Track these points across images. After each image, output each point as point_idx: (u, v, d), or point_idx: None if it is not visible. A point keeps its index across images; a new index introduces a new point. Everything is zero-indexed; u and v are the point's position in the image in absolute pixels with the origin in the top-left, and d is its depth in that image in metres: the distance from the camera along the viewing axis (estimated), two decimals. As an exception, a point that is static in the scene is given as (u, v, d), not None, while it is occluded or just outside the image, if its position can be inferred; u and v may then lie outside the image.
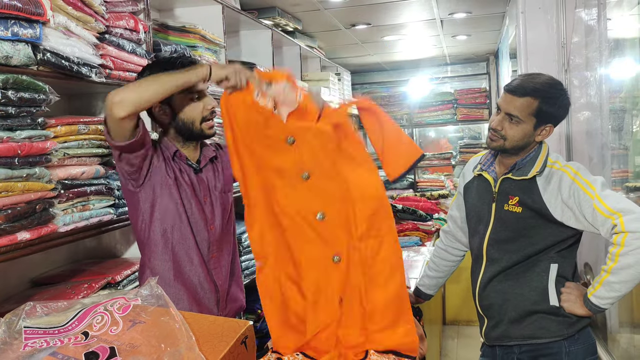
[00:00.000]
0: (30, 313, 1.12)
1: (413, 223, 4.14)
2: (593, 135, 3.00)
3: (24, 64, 1.57)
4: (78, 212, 1.80)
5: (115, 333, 1.07)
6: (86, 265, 2.19)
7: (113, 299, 1.14)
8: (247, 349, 1.07)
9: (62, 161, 1.74)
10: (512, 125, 1.93)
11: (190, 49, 2.59)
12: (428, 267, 2.47)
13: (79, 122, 1.82)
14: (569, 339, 1.94)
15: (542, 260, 1.97)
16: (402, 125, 7.21)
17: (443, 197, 5.92)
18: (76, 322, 1.10)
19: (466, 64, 7.37)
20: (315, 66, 5.16)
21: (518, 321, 1.98)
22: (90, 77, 1.84)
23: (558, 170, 1.94)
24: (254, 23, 3.58)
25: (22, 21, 1.53)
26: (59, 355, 1.03)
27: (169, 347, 1.01)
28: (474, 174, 2.14)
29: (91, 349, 1.03)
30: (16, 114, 1.54)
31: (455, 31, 5.38)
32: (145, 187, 1.82)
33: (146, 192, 1.83)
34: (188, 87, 1.75)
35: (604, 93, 2.88)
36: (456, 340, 4.71)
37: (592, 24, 2.95)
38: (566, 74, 3.23)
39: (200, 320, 1.12)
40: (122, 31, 2.03)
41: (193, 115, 1.85)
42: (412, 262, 3.36)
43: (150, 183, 1.82)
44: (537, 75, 1.99)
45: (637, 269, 1.75)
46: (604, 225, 1.80)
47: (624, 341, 2.79)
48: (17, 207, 1.55)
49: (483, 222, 2.07)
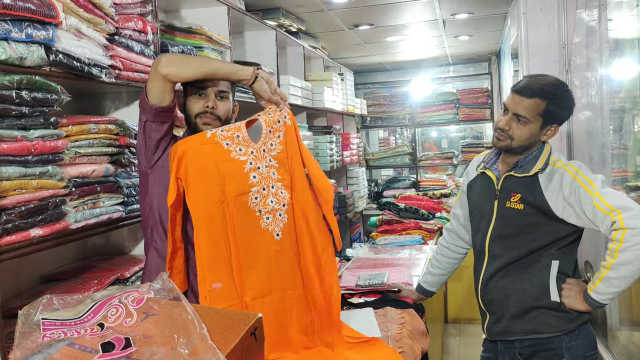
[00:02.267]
0: (47, 306, 1.15)
1: (415, 222, 4.17)
2: (594, 134, 3.03)
3: (37, 64, 1.61)
4: (89, 210, 1.84)
5: (129, 324, 1.11)
6: (95, 261, 2.23)
7: (126, 292, 1.18)
8: (257, 341, 1.11)
9: (74, 160, 1.78)
10: (520, 125, 1.97)
11: (197, 49, 2.63)
12: (431, 264, 2.50)
13: (89, 122, 1.86)
14: (570, 334, 1.97)
15: (544, 256, 2.00)
16: (405, 125, 7.25)
17: (445, 196, 5.94)
18: (92, 314, 1.14)
19: (468, 64, 7.39)
20: (318, 66, 5.19)
21: (519, 316, 2.02)
22: (101, 78, 1.88)
23: (560, 169, 1.98)
24: (259, 24, 3.61)
25: (36, 23, 1.56)
26: (76, 346, 1.06)
27: (182, 338, 1.05)
28: (477, 172, 2.18)
29: (107, 339, 1.07)
30: (30, 114, 1.58)
31: (457, 32, 5.41)
32: (155, 169, 1.89)
33: (155, 175, 1.89)
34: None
35: (605, 93, 2.91)
36: (458, 338, 4.74)
37: (593, 25, 2.97)
38: (567, 74, 3.26)
39: (211, 312, 1.16)
40: (131, 32, 2.06)
41: (192, 109, 1.92)
42: (414, 261, 3.38)
43: (161, 166, 1.88)
44: (543, 77, 2.02)
45: (635, 265, 1.79)
46: (604, 222, 1.84)
47: (624, 338, 2.82)
48: (31, 204, 1.59)
49: (485, 219, 2.11)
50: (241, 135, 1.88)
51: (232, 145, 1.87)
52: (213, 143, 1.85)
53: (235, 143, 1.87)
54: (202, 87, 1.90)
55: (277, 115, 1.96)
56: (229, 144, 1.87)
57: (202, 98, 1.91)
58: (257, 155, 1.89)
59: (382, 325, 2.19)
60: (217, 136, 1.85)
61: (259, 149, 1.90)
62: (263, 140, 1.92)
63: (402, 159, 6.99)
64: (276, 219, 1.92)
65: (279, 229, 1.92)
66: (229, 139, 1.87)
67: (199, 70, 1.85)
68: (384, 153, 7.11)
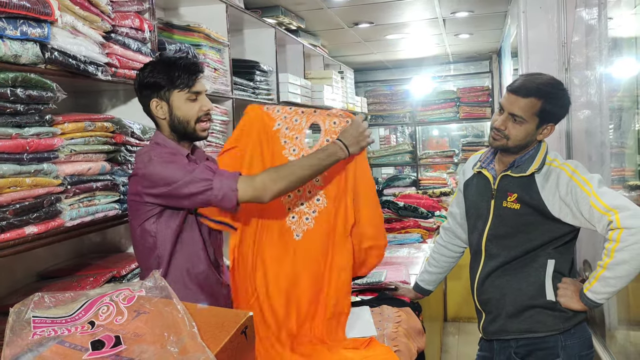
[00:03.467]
0: (39, 303, 1.15)
1: (414, 220, 4.16)
2: (592, 133, 3.02)
3: (33, 62, 1.61)
4: (84, 207, 1.84)
5: (120, 323, 1.11)
6: (91, 259, 2.23)
7: (118, 290, 1.18)
8: (247, 339, 1.11)
9: (69, 157, 1.78)
10: (516, 125, 1.96)
11: (195, 47, 2.63)
12: (428, 263, 2.50)
13: (85, 120, 1.86)
14: (565, 333, 1.97)
15: (540, 256, 2.00)
16: (405, 124, 7.25)
17: (445, 195, 5.94)
18: (83, 312, 1.14)
19: (469, 62, 7.38)
20: (318, 64, 5.19)
21: (515, 316, 2.02)
22: (97, 76, 1.88)
23: (556, 168, 1.97)
24: (258, 22, 3.61)
25: (31, 21, 1.56)
26: (66, 344, 1.07)
27: (172, 336, 1.05)
28: (473, 172, 2.18)
29: (97, 337, 1.07)
30: (25, 111, 1.58)
31: (457, 30, 5.40)
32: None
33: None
34: (190, 89, 1.86)
35: (604, 92, 2.90)
36: (457, 336, 4.74)
37: (592, 23, 2.96)
38: (566, 72, 3.25)
39: (202, 311, 1.16)
40: (127, 30, 2.06)
41: (189, 115, 1.87)
42: (413, 259, 3.38)
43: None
44: (539, 76, 2.02)
45: (632, 265, 1.78)
46: (600, 221, 1.83)
47: (622, 337, 2.82)
48: (26, 201, 1.59)
49: (482, 219, 2.10)
50: (300, 137, 2.01)
51: (288, 143, 2.00)
52: (275, 137, 1.99)
53: (292, 143, 2.00)
54: (196, 92, 1.87)
55: (340, 127, 2.00)
56: (286, 142, 2.00)
57: (196, 102, 1.88)
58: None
59: (378, 324, 2.19)
60: (280, 132, 1.99)
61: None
62: (317, 147, 1.99)
63: (402, 157, 6.98)
64: (301, 221, 2.02)
65: (301, 231, 2.02)
66: (289, 138, 2.00)
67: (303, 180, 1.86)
68: (384, 151, 7.11)
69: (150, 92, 1.86)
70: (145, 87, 1.86)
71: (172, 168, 1.77)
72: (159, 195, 1.78)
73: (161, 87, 1.84)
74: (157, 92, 1.85)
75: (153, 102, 1.86)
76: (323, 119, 2.03)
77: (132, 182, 1.85)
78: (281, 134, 1.99)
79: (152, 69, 1.86)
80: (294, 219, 2.02)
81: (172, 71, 1.84)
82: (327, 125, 2.03)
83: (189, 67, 1.86)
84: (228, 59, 2.97)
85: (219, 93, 2.84)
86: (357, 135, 1.92)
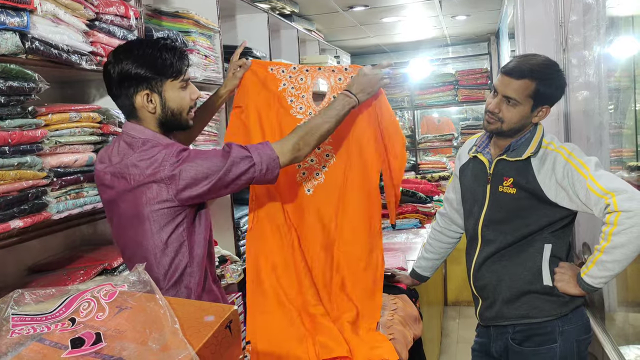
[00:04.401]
0: (19, 301, 1.13)
1: (413, 205, 4.13)
2: (591, 114, 2.97)
3: (13, 52, 1.57)
4: (72, 200, 1.81)
5: (101, 319, 1.08)
6: (83, 251, 2.20)
7: (100, 285, 1.15)
8: (232, 333, 1.08)
9: (54, 149, 1.74)
10: (510, 107, 1.92)
11: (184, 34, 2.58)
12: (424, 249, 2.47)
13: (70, 110, 1.81)
14: (563, 318, 1.95)
15: (536, 240, 1.97)
16: (404, 108, 7.19)
17: (444, 179, 5.91)
18: (63, 309, 1.11)
19: (467, 44, 7.32)
20: (313, 49, 5.13)
21: (512, 301, 1.99)
22: (81, 65, 1.83)
23: (552, 151, 1.93)
24: (250, 7, 3.55)
25: (9, 10, 1.52)
26: (46, 342, 1.04)
27: (154, 333, 1.02)
28: (469, 156, 2.14)
29: (77, 334, 1.04)
30: (6, 103, 1.54)
31: (454, 11, 5.33)
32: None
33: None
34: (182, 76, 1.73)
35: (602, 72, 2.85)
36: (457, 320, 4.73)
37: (590, 3, 2.90)
38: (564, 53, 3.20)
39: (186, 305, 1.13)
40: (112, 17, 2.01)
41: (182, 104, 1.73)
42: (411, 245, 3.36)
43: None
44: (533, 57, 1.97)
45: (629, 248, 1.76)
46: (597, 204, 1.80)
47: (621, 319, 2.80)
48: (9, 195, 1.56)
49: (478, 204, 2.07)
50: (306, 96, 2.09)
51: (295, 102, 2.09)
52: (281, 97, 2.07)
53: (299, 102, 2.08)
54: (186, 79, 1.73)
55: (346, 83, 2.07)
56: (293, 100, 2.09)
57: (186, 90, 1.74)
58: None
59: (374, 312, 2.17)
60: (286, 92, 2.08)
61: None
62: (324, 104, 2.08)
63: (401, 141, 6.93)
64: (312, 176, 2.13)
65: (312, 186, 2.12)
66: (295, 97, 2.09)
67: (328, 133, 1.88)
68: (382, 136, 7.05)
69: (136, 83, 1.66)
70: (127, 78, 1.65)
71: (208, 160, 1.64)
72: (200, 195, 1.64)
73: (151, 78, 1.66)
74: (144, 82, 1.66)
75: (141, 95, 1.68)
76: (328, 75, 2.12)
77: (151, 189, 1.63)
78: (287, 93, 2.08)
79: (135, 57, 1.66)
80: (304, 175, 2.11)
81: (160, 58, 1.67)
82: (333, 81, 2.11)
83: (179, 53, 1.72)
84: (219, 46, 2.91)
85: (210, 80, 2.79)
86: (364, 83, 1.96)
